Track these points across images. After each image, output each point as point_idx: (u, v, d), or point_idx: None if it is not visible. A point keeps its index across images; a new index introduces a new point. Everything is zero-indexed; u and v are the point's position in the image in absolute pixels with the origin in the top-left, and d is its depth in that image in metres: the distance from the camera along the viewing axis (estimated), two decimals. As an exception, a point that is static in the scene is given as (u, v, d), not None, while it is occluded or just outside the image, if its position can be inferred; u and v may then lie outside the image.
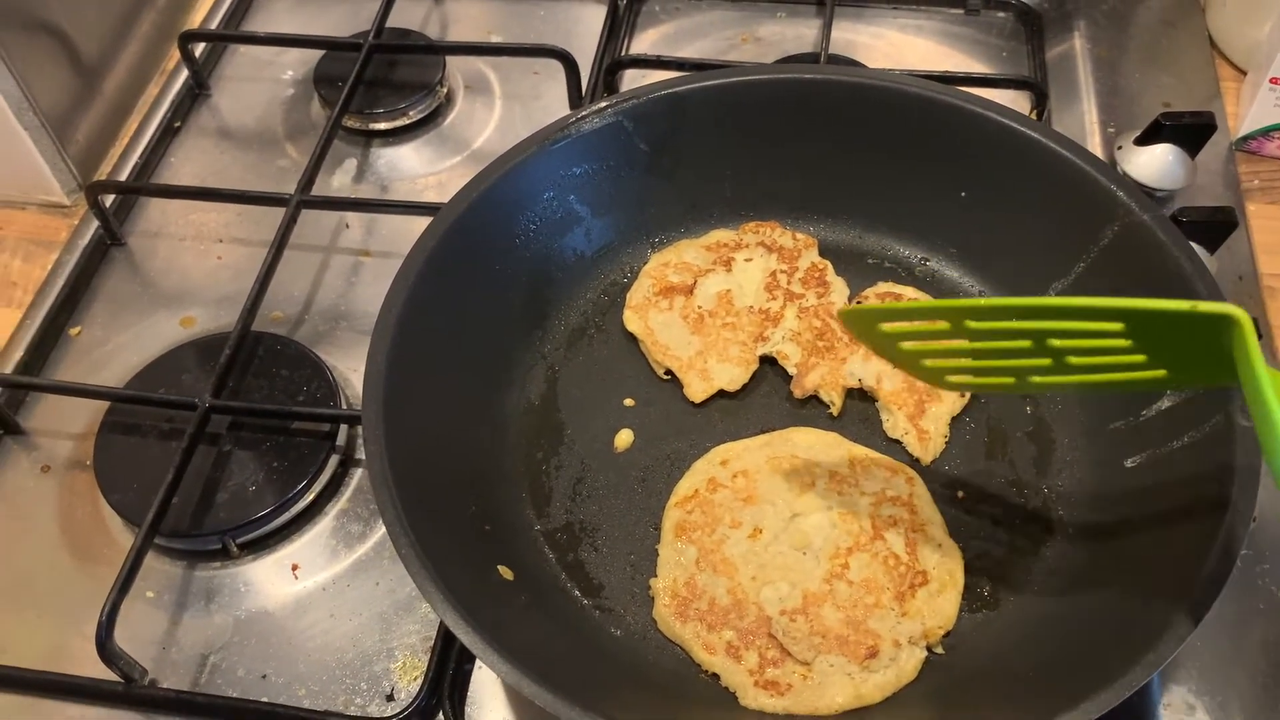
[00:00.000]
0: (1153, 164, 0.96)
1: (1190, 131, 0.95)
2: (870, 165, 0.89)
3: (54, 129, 1.03)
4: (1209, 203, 0.94)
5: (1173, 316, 0.58)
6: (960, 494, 0.79)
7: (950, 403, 0.82)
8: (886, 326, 0.67)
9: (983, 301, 0.63)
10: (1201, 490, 0.68)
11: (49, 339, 0.95)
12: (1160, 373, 0.63)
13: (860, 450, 0.80)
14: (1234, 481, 0.66)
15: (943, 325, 0.65)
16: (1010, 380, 0.69)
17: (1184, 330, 0.59)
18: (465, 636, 0.61)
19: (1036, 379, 0.67)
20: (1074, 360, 0.64)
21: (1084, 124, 1.05)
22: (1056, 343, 0.63)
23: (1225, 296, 0.73)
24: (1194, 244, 0.77)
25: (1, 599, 0.81)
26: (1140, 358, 0.63)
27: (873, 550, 0.74)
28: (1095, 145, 1.02)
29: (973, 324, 0.64)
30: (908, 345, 0.68)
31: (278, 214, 0.95)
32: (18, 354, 0.93)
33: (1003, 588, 0.75)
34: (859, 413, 0.84)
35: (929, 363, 0.69)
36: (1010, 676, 0.69)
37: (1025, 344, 0.64)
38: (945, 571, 0.74)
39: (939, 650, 0.72)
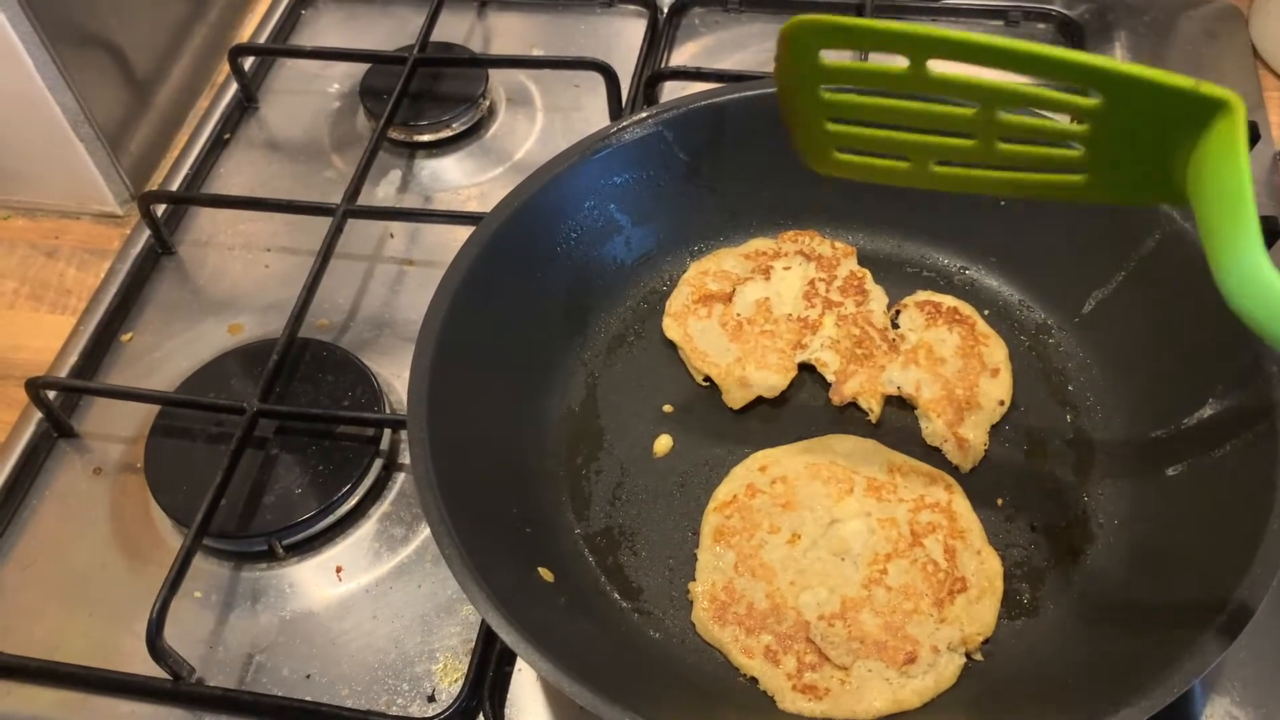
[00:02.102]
0: (1195, 174, 0.95)
1: (1233, 141, 0.94)
2: (909, 174, 0.89)
3: (108, 141, 1.06)
4: (1252, 212, 0.93)
5: (1168, 92, 0.54)
6: (1000, 501, 0.79)
7: (990, 411, 0.82)
8: (828, 61, 0.60)
9: (961, 35, 0.56)
10: (1244, 499, 0.68)
11: (101, 345, 0.97)
12: (1081, 178, 0.60)
13: (899, 457, 0.80)
14: (1277, 489, 0.65)
15: (889, 66, 0.59)
16: (905, 166, 0.64)
17: (1163, 120, 0.55)
18: (507, 635, 0.62)
19: (939, 169, 0.63)
20: (1001, 147, 0.61)
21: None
22: (1004, 116, 0.59)
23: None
24: (1236, 253, 0.77)
25: (54, 598, 0.83)
26: (1076, 154, 0.59)
27: (911, 556, 0.74)
28: (1136, 155, 1.02)
29: (931, 72, 0.58)
30: (829, 93, 0.62)
31: (324, 224, 0.97)
32: (71, 359, 0.95)
33: (1042, 595, 0.75)
34: (897, 420, 0.84)
35: (831, 126, 0.64)
36: (1049, 684, 0.68)
37: (967, 113, 0.60)
38: (984, 578, 0.74)
39: (978, 657, 0.72)
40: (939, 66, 0.58)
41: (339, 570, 0.83)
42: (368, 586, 0.82)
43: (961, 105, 0.60)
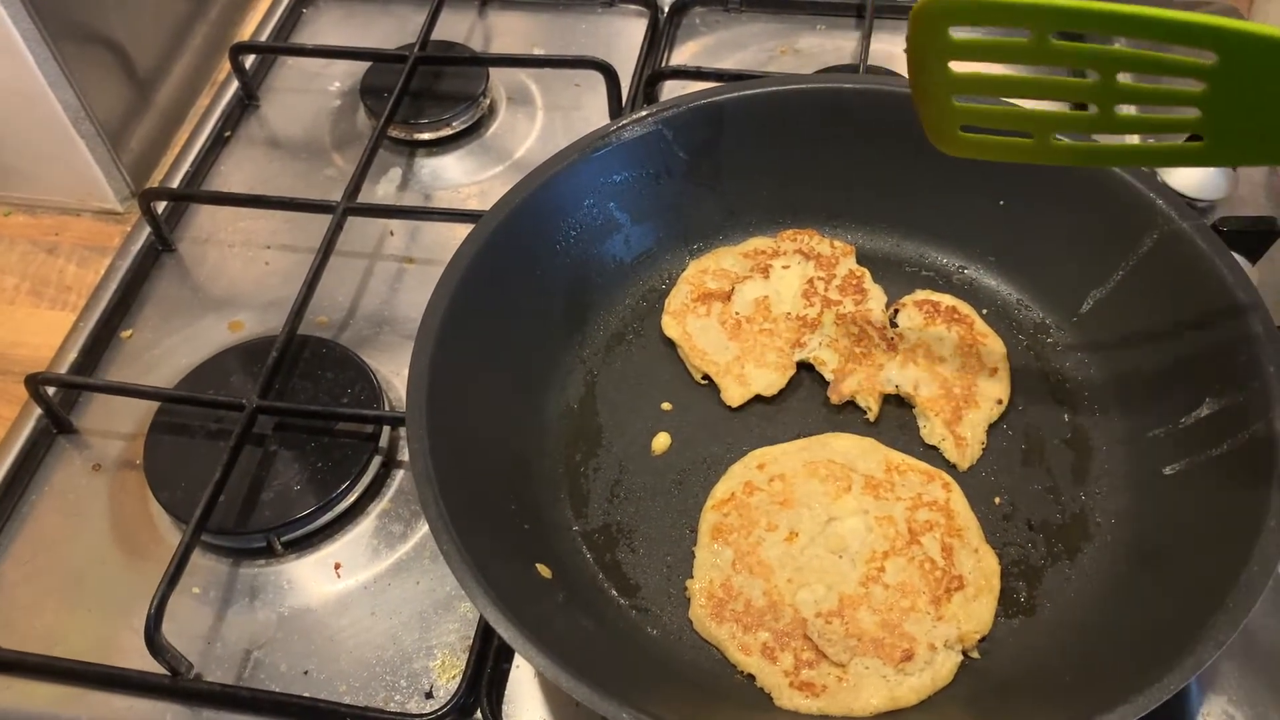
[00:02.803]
0: (1193, 174, 0.95)
1: (1231, 142, 0.95)
2: (908, 174, 0.89)
3: (109, 138, 1.06)
4: (1250, 213, 0.93)
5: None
6: (997, 500, 0.79)
7: (987, 409, 0.82)
8: (956, 36, 0.63)
9: (1082, 3, 0.60)
10: (1241, 497, 0.68)
11: (101, 341, 0.97)
12: (1202, 144, 0.62)
13: (897, 456, 0.80)
14: (1274, 488, 0.66)
15: (1014, 40, 0.63)
16: (1029, 142, 0.67)
17: (1272, 74, 0.57)
18: (505, 631, 0.62)
19: (1059, 142, 0.66)
20: (1121, 115, 0.63)
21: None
22: (1123, 83, 0.62)
23: (1268, 307, 0.73)
24: (1235, 254, 0.77)
25: (53, 593, 0.83)
26: (1195, 118, 0.61)
27: (909, 554, 0.75)
28: (1135, 156, 1.02)
29: (1054, 40, 0.62)
30: (959, 68, 0.65)
31: (324, 221, 0.97)
32: (71, 355, 0.95)
33: (1040, 593, 0.75)
34: (896, 419, 0.84)
35: (956, 104, 0.67)
36: (1047, 681, 0.69)
37: (1088, 82, 0.63)
38: (981, 576, 0.74)
39: (975, 655, 0.72)
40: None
41: (337, 567, 0.83)
42: (366, 583, 0.82)
43: (1082, 76, 0.62)
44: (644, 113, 0.87)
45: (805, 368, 0.87)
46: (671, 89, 1.11)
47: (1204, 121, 0.61)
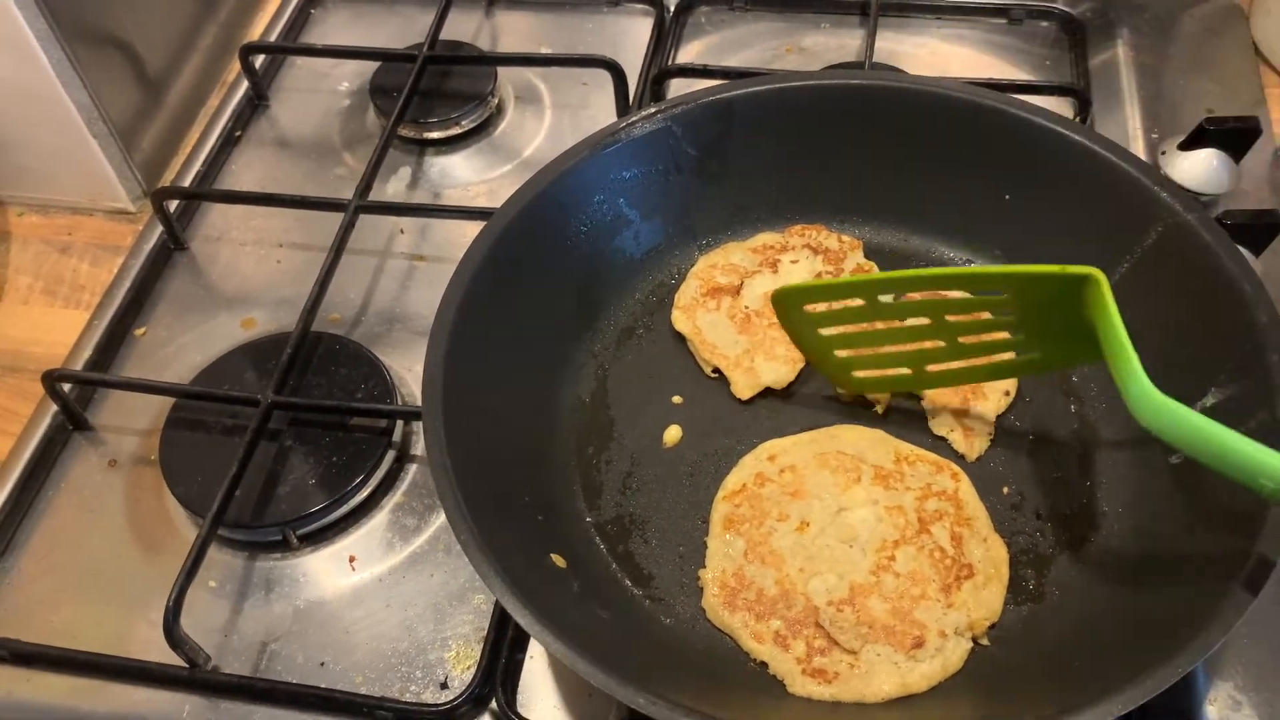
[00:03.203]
0: (1197, 169, 0.97)
1: (1234, 136, 0.96)
2: (915, 169, 0.90)
3: (121, 138, 1.07)
4: (1254, 206, 0.94)
5: (1047, 278, 0.69)
6: (1005, 490, 0.80)
7: (995, 401, 0.83)
8: (809, 309, 0.78)
9: (889, 274, 0.78)
10: (1246, 486, 0.68)
11: (115, 339, 0.98)
12: (1035, 355, 0.76)
13: (906, 447, 0.81)
14: None
15: (857, 303, 0.77)
16: (908, 373, 0.81)
17: (1056, 296, 0.69)
18: (522, 618, 0.63)
19: (932, 368, 0.80)
20: (965, 343, 0.77)
21: (1127, 130, 1.06)
22: (950, 320, 0.76)
23: (1271, 299, 0.74)
24: (1240, 247, 0.78)
25: (71, 587, 0.84)
26: (1019, 338, 0.75)
27: (918, 543, 0.75)
28: (1139, 151, 1.03)
29: (882, 302, 0.76)
30: (825, 332, 0.80)
31: (334, 220, 0.98)
32: (86, 353, 0.96)
33: (1048, 581, 0.75)
34: (904, 411, 0.85)
35: (841, 354, 0.81)
36: (1056, 667, 0.69)
37: (925, 324, 0.76)
38: (991, 565, 0.75)
39: (984, 642, 0.73)
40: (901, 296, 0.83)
41: (352, 560, 0.84)
42: (381, 576, 0.83)
43: (919, 320, 0.77)
44: (653, 110, 0.88)
45: (814, 361, 0.88)
46: (678, 87, 1.12)
47: (1028, 339, 0.75)
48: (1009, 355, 0.77)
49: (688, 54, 1.19)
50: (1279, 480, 0.58)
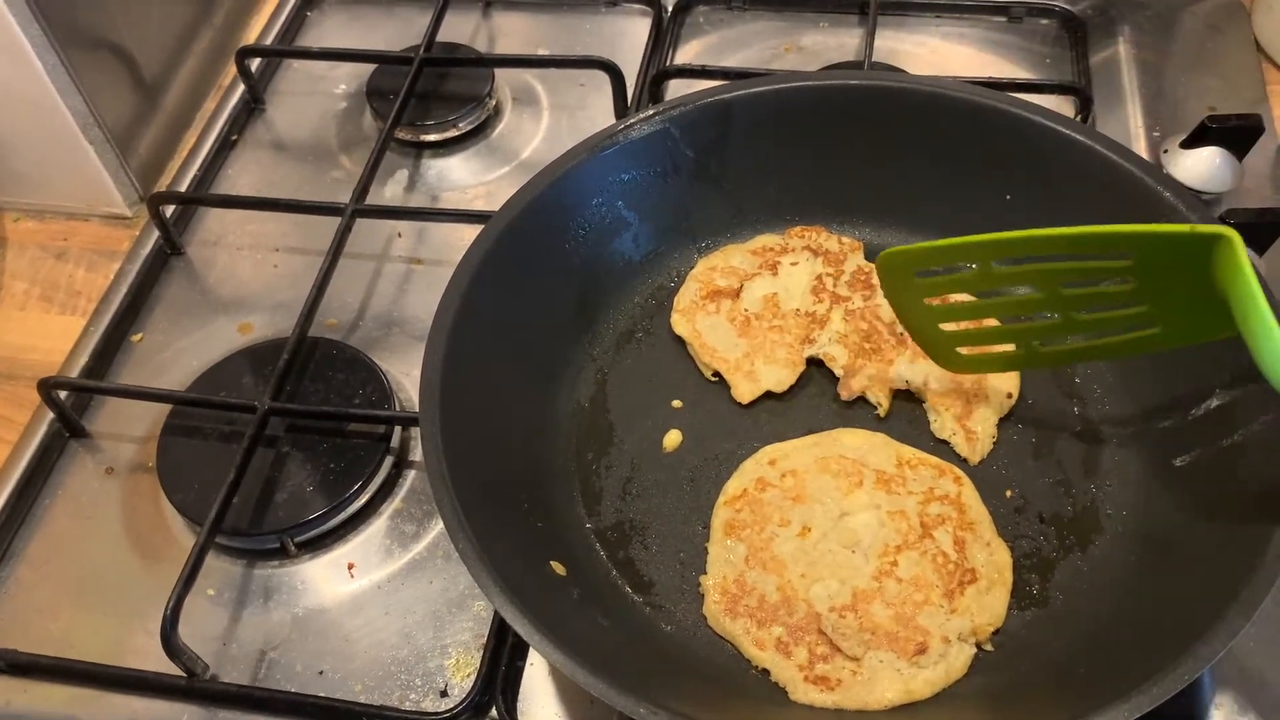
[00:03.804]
0: (1199, 167, 0.96)
1: (1237, 134, 0.95)
2: (915, 169, 0.89)
3: (117, 143, 1.06)
4: (1257, 205, 0.93)
5: (1174, 239, 0.63)
6: (1008, 493, 0.79)
7: (997, 404, 0.83)
8: (919, 279, 0.73)
9: (1006, 235, 0.69)
10: (1252, 487, 0.68)
11: (112, 345, 0.98)
12: (1156, 329, 0.69)
13: (908, 451, 0.81)
14: (1285, 478, 0.66)
15: (963, 273, 0.73)
16: (1018, 352, 0.76)
17: (1183, 261, 0.64)
18: (521, 627, 0.62)
19: (1043, 347, 0.75)
20: (1081, 317, 0.71)
21: (1129, 128, 1.05)
22: (1067, 291, 0.70)
23: (1275, 297, 0.73)
24: (1242, 245, 0.77)
25: (68, 596, 0.84)
26: (1140, 309, 0.69)
27: (921, 548, 0.75)
28: (1141, 149, 1.02)
29: (997, 267, 0.71)
30: (932, 303, 0.75)
31: (332, 224, 0.97)
32: (82, 360, 0.96)
33: (1052, 586, 0.75)
34: (906, 414, 0.85)
35: (946, 328, 0.76)
36: (1060, 673, 0.69)
37: (1039, 296, 0.71)
38: (994, 569, 0.74)
39: (988, 647, 0.72)
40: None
41: (351, 567, 0.83)
42: (380, 583, 0.82)
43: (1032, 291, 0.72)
44: (651, 111, 0.88)
45: (815, 364, 0.87)
46: (676, 88, 1.11)
47: (1150, 311, 0.69)
48: (1129, 332, 0.72)
49: (686, 54, 1.18)
50: None
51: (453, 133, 1.11)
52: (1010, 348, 0.78)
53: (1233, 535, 0.68)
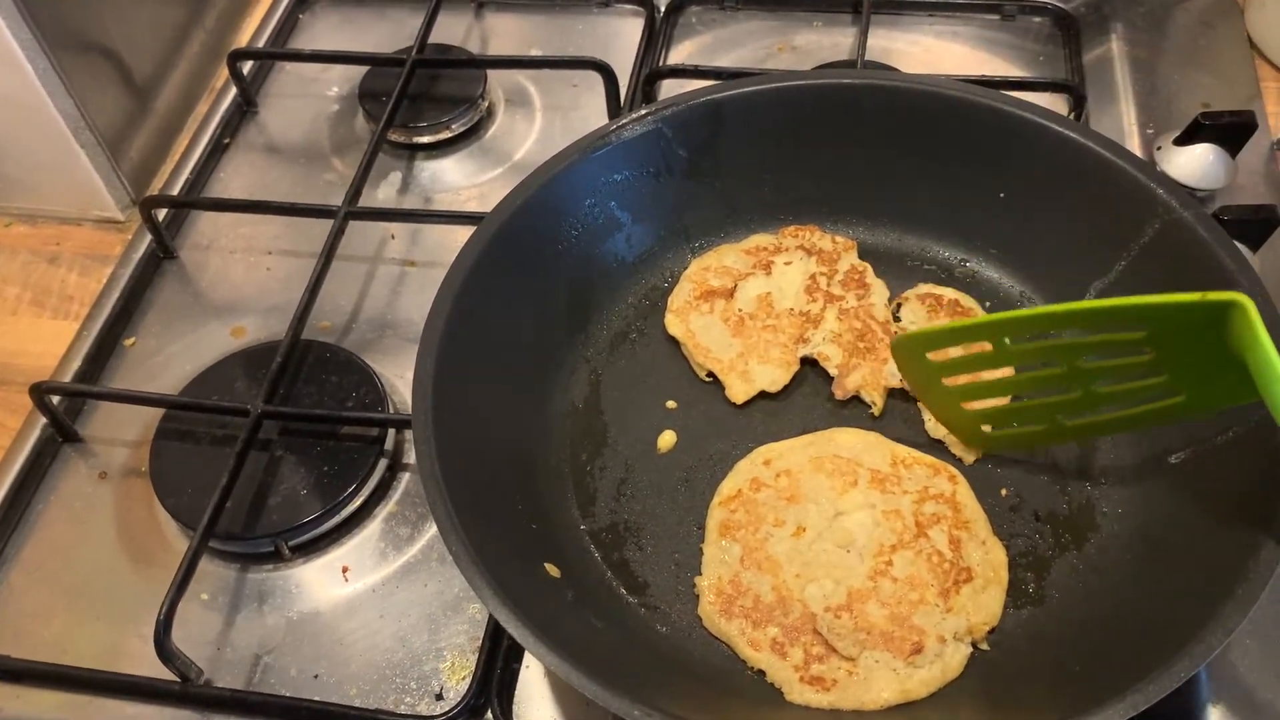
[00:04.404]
0: (1193, 164, 0.96)
1: (1230, 131, 0.95)
2: (909, 168, 0.89)
3: (109, 147, 1.06)
4: (1251, 202, 0.93)
5: (1187, 308, 0.62)
6: (1003, 492, 0.79)
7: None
8: (932, 357, 0.74)
9: (1018, 313, 0.70)
10: (1247, 484, 0.68)
11: (105, 350, 0.98)
12: (1180, 398, 0.68)
13: (903, 450, 0.80)
14: (1278, 475, 0.66)
15: (984, 349, 0.71)
16: (1043, 427, 0.76)
17: (1199, 329, 0.63)
18: (515, 630, 0.62)
19: (1069, 422, 0.74)
20: (1102, 390, 0.71)
21: (1122, 126, 1.05)
22: (1085, 365, 0.70)
23: (1270, 294, 0.73)
24: (1236, 243, 0.77)
25: (61, 601, 0.83)
26: (1161, 379, 0.68)
27: (916, 548, 0.75)
28: (1134, 146, 1.02)
29: (1011, 344, 0.70)
30: (950, 383, 0.75)
31: (324, 226, 0.97)
32: (75, 364, 0.95)
33: (1048, 584, 0.75)
34: (901, 413, 0.84)
35: (968, 411, 0.76)
36: (1057, 671, 0.69)
37: (1058, 371, 0.71)
38: (989, 568, 0.74)
39: (984, 646, 0.72)
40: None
41: (345, 570, 0.83)
42: (374, 586, 0.82)
43: (1050, 367, 0.72)
44: (643, 111, 0.87)
45: (809, 363, 0.87)
46: (669, 88, 1.11)
47: (1171, 381, 0.68)
48: (1159, 401, 0.71)
49: (679, 54, 1.18)
50: None
51: (445, 134, 1.11)
52: (1036, 427, 0.77)
53: (1228, 532, 0.68)
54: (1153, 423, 0.73)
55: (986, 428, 0.78)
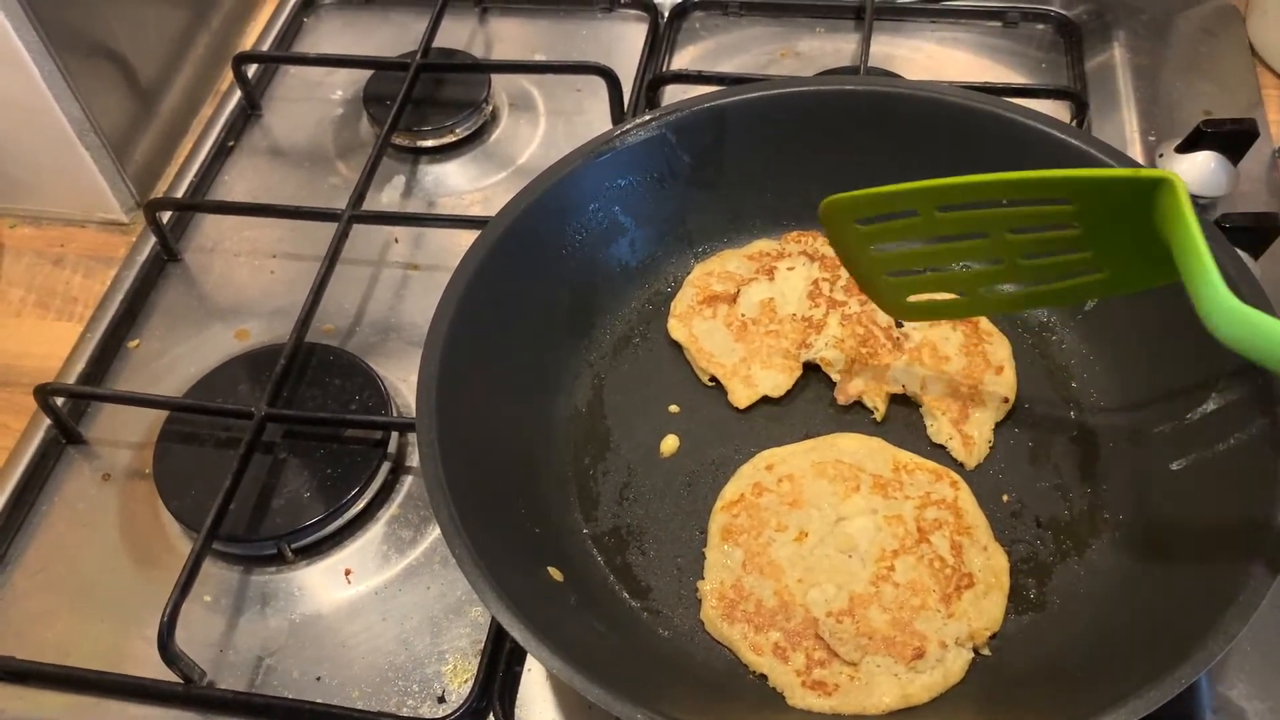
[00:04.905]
0: (1194, 171, 0.96)
1: (1232, 139, 0.95)
2: (911, 174, 0.87)
3: (114, 149, 1.06)
4: (1252, 209, 0.93)
5: (1117, 183, 0.64)
6: (1005, 497, 0.80)
7: (994, 408, 0.83)
8: (862, 227, 0.73)
9: (946, 181, 0.69)
10: (1249, 491, 0.68)
11: (109, 351, 0.98)
12: (1102, 274, 0.70)
13: (905, 455, 0.81)
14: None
15: (913, 221, 0.71)
16: (963, 298, 0.77)
17: (1127, 206, 0.64)
18: (518, 633, 0.62)
19: (989, 294, 0.75)
20: (1026, 264, 0.71)
21: (1124, 133, 1.05)
22: (1011, 237, 0.70)
23: (1271, 302, 0.73)
24: (1238, 250, 0.77)
25: (65, 603, 0.83)
26: (1085, 255, 0.69)
27: (918, 553, 0.75)
28: (1136, 154, 1.03)
29: (939, 213, 0.70)
30: (878, 252, 0.75)
31: (328, 229, 0.97)
32: (79, 366, 0.96)
33: (1049, 590, 0.75)
34: (903, 418, 0.85)
35: (892, 279, 0.76)
36: (1058, 677, 0.69)
37: (984, 243, 0.71)
38: (991, 574, 0.74)
39: (986, 652, 0.72)
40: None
41: (348, 573, 0.83)
42: (377, 589, 0.82)
43: (977, 237, 0.72)
44: (647, 117, 0.88)
45: (812, 368, 0.87)
46: (673, 93, 1.11)
47: (1095, 258, 0.69)
48: (1074, 278, 0.72)
49: (682, 60, 1.19)
50: None
51: (449, 138, 1.11)
52: (958, 296, 0.78)
53: (1229, 539, 0.68)
54: (1073, 300, 0.75)
55: (912, 297, 0.78)
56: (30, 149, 1.05)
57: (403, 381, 0.93)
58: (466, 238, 0.84)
